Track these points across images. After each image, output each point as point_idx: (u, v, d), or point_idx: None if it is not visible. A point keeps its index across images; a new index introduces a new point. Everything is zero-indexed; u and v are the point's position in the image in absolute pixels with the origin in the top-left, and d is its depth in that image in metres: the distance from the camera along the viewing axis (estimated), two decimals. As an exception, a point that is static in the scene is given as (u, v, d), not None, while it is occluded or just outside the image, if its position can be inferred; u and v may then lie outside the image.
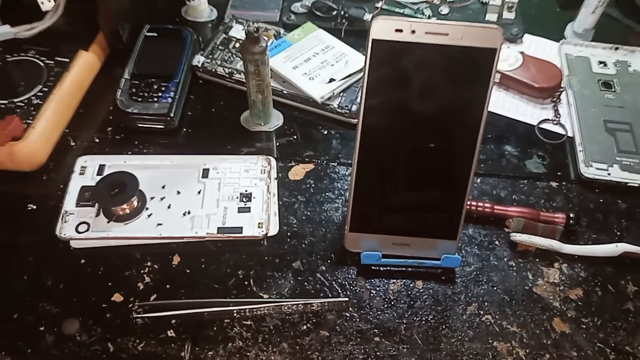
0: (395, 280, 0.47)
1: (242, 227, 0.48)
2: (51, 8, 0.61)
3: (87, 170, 0.52)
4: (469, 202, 0.49)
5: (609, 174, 0.53)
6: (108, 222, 0.48)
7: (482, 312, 0.45)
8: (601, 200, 0.53)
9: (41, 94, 0.55)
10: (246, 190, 0.51)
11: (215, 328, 0.43)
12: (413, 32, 0.37)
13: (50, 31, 0.60)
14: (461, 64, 0.38)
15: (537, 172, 0.55)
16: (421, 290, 0.46)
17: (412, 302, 0.45)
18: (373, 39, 0.38)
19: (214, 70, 0.60)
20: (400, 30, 0.37)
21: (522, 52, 0.62)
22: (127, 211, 0.48)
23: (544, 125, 0.59)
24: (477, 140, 0.41)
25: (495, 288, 0.46)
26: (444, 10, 0.68)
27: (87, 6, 0.60)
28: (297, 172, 0.54)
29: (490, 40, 0.37)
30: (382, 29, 0.37)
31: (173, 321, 0.44)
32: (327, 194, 0.52)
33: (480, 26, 0.38)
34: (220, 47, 0.62)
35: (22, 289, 0.45)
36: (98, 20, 0.61)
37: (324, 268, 0.47)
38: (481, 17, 0.67)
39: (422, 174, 0.44)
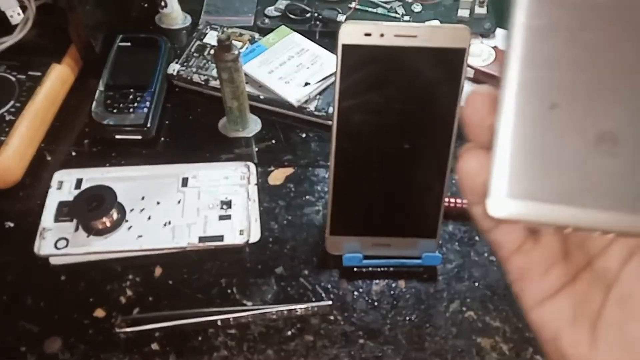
0: (377, 281, 0.47)
1: (223, 235, 0.48)
2: (20, 21, 0.60)
3: (64, 185, 0.51)
4: (447, 200, 0.49)
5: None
6: (87, 236, 0.48)
7: (464, 309, 0.45)
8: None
9: (14, 109, 0.54)
10: (226, 198, 0.51)
11: (199, 338, 0.43)
12: (382, 35, 0.37)
13: (21, 45, 0.59)
14: (431, 64, 0.39)
15: (515, 166, 0.55)
16: (404, 290, 0.46)
17: (395, 302, 0.46)
18: (342, 44, 0.38)
19: (189, 77, 0.60)
20: (369, 34, 0.37)
21: (495, 47, 0.62)
22: (107, 224, 0.48)
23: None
24: (452, 138, 0.41)
25: (477, 284, 0.47)
26: (417, 7, 0.68)
27: (57, 18, 0.59)
28: (277, 176, 0.54)
29: (458, 40, 0.38)
30: (351, 33, 0.37)
31: (157, 334, 0.43)
32: (307, 197, 0.52)
33: (448, 27, 0.38)
34: (195, 54, 0.62)
35: (1, 309, 0.45)
36: (69, 32, 0.60)
37: (306, 272, 0.47)
38: (453, 13, 0.67)
39: (399, 174, 0.44)
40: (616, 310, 0.20)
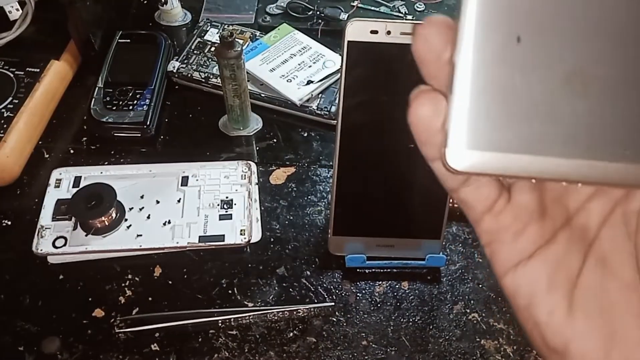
0: (380, 282, 0.46)
1: (224, 235, 0.47)
2: (19, 17, 0.59)
3: (62, 183, 0.51)
4: (451, 201, 0.49)
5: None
6: (86, 235, 0.47)
7: (468, 311, 0.45)
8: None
9: (12, 106, 0.53)
10: (227, 197, 0.50)
11: (200, 339, 0.43)
12: (388, 32, 0.37)
13: (20, 41, 0.59)
14: (438, 63, 0.38)
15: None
16: (407, 291, 0.46)
17: (398, 304, 0.45)
18: (348, 41, 0.37)
19: (189, 75, 0.59)
20: (376, 32, 0.37)
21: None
22: (106, 223, 0.47)
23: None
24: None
25: (480, 286, 0.46)
26: (420, 7, 0.67)
27: (56, 14, 0.58)
28: (278, 176, 0.53)
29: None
30: (357, 30, 0.37)
31: (157, 334, 0.43)
32: (309, 197, 0.52)
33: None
34: (195, 52, 0.61)
35: (-1, 309, 0.44)
36: (68, 28, 0.60)
37: (308, 273, 0.47)
38: (457, 12, 0.67)
39: (404, 174, 0.43)
40: (594, 274, 0.19)
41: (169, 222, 0.48)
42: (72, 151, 0.55)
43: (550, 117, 0.17)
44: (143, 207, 0.49)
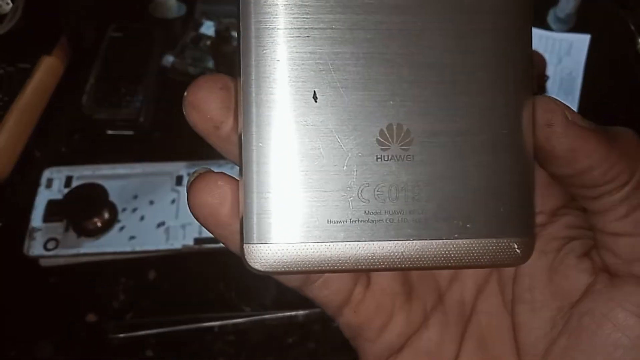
0: (381, 285, 0.45)
1: (220, 237, 0.46)
2: (9, 11, 0.58)
3: (53, 183, 0.49)
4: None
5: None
6: (78, 237, 0.46)
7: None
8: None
9: (2, 103, 0.52)
10: (223, 197, 0.49)
11: (196, 345, 0.42)
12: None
13: (9, 36, 0.57)
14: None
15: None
16: (409, 294, 0.45)
17: (400, 307, 0.44)
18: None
19: (184, 70, 0.58)
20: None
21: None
22: (98, 225, 0.46)
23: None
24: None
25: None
26: None
27: (47, 8, 0.57)
28: (276, 174, 0.52)
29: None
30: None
31: (151, 340, 0.42)
32: (308, 196, 0.51)
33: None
34: (190, 46, 0.60)
35: (-11, 314, 0.43)
36: (60, 22, 0.58)
37: (307, 276, 0.45)
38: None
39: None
40: (473, 357, 0.16)
41: (164, 224, 0.47)
42: (63, 149, 0.54)
43: (367, 192, 0.14)
44: (136, 208, 0.48)
